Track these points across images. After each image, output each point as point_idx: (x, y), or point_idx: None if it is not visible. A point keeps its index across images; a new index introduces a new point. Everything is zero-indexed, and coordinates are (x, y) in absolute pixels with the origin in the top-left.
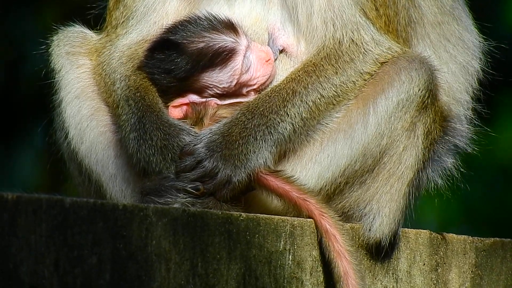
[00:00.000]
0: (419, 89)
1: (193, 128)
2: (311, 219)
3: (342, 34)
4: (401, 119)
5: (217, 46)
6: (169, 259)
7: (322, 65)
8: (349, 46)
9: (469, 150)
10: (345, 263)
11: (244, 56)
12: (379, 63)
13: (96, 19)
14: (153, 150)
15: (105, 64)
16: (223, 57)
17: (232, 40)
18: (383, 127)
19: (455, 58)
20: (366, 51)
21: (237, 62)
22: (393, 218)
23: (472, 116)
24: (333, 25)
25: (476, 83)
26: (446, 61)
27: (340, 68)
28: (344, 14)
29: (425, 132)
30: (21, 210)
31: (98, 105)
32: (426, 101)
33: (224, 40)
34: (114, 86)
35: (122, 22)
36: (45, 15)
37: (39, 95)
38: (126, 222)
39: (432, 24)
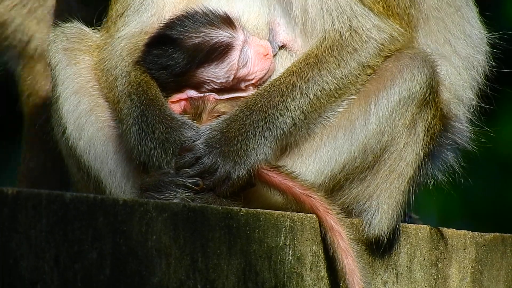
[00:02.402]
0: (421, 87)
1: (194, 122)
2: (311, 214)
3: (341, 24)
4: (402, 116)
5: (214, 41)
6: (170, 254)
7: (325, 57)
8: (350, 35)
9: (468, 148)
10: (351, 260)
11: (241, 51)
12: (382, 56)
13: (97, 18)
14: (154, 144)
15: (106, 60)
16: (219, 52)
17: (229, 35)
18: (384, 124)
19: (458, 51)
20: (368, 39)
21: (233, 57)
22: (392, 215)
23: (474, 113)
24: (329, 16)
25: (481, 77)
26: (449, 55)
27: (343, 60)
28: (339, 4)
29: (426, 128)
30: (21, 205)
31: (97, 100)
32: (427, 98)
33: (220, 35)
34: (116, 81)
35: (121, 14)
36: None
37: None
38: (126, 217)
39: (433, 9)
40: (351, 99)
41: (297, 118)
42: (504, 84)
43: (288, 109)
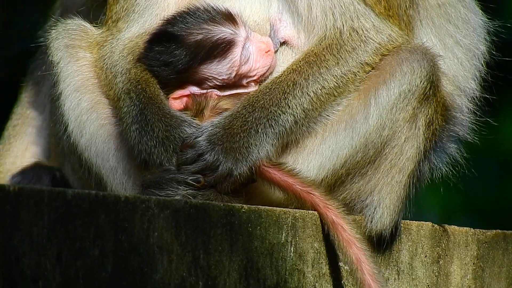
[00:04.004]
0: (421, 81)
1: (194, 119)
2: (313, 211)
3: (342, 23)
4: (403, 110)
5: (215, 38)
6: (171, 251)
7: (324, 55)
8: (349, 34)
9: (470, 140)
10: (356, 250)
11: (243, 47)
12: (380, 54)
13: (95, 13)
14: (154, 142)
15: (106, 58)
16: (221, 48)
17: (231, 31)
18: (385, 118)
19: (461, 42)
20: (367, 39)
21: (235, 54)
22: (394, 209)
23: (476, 105)
24: (332, 14)
25: (483, 65)
26: (451, 47)
27: (342, 59)
28: (342, 2)
29: (427, 123)
30: (23, 202)
31: (98, 98)
32: (428, 92)
33: (222, 31)
34: (116, 79)
35: (123, 16)
36: (51, 8)
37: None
38: (128, 214)
39: (435, 6)
40: (350, 97)
41: (298, 116)
42: (505, 77)
43: (289, 107)
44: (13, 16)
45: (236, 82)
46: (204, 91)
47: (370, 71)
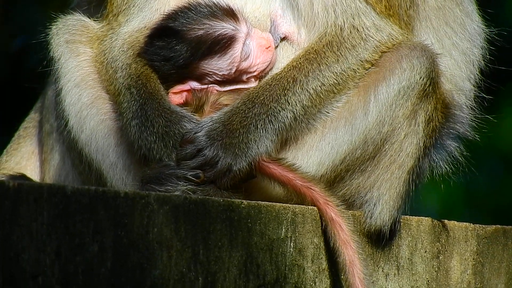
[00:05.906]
0: (421, 77)
1: (194, 115)
2: (313, 207)
3: (343, 20)
4: (402, 107)
5: (217, 34)
6: (171, 246)
7: (324, 52)
8: (350, 32)
9: (470, 137)
10: (351, 252)
11: (244, 43)
12: (380, 51)
13: (96, 8)
14: (154, 137)
15: (106, 52)
16: (222, 44)
17: (232, 27)
18: (384, 114)
19: (457, 44)
20: (367, 37)
21: (236, 50)
22: (394, 205)
23: (474, 104)
24: (334, 11)
25: (478, 70)
26: (448, 48)
27: (342, 56)
28: (344, 0)
29: (426, 120)
30: (23, 198)
31: (98, 93)
32: (427, 89)
33: (223, 27)
34: (116, 74)
35: (124, 10)
36: (49, 5)
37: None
38: (127, 210)
39: (433, 8)
40: (349, 94)
41: (298, 113)
42: (506, 79)
43: (289, 103)
44: (13, 13)
45: (236, 77)
46: (204, 86)
47: (370, 68)
